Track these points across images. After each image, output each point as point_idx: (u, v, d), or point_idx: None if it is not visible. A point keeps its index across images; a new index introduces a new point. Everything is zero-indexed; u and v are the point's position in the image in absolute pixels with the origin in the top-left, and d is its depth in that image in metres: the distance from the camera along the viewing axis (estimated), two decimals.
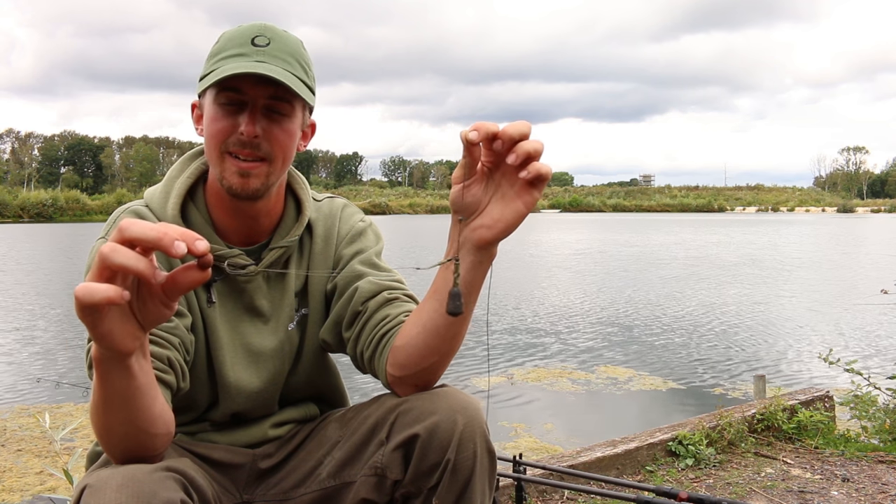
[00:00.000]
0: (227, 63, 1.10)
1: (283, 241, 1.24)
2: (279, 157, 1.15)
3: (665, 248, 23.84)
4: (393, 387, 1.16)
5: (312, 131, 1.28)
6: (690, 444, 3.01)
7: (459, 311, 0.95)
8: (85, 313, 0.77)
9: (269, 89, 1.11)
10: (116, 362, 0.85)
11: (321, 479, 1.18)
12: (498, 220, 0.97)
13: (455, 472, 1.05)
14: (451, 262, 1.00)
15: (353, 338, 1.21)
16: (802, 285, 13.33)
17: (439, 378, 1.14)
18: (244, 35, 1.13)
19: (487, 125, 0.91)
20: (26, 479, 3.69)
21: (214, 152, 1.14)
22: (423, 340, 1.08)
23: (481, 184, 0.98)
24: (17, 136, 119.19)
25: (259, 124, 1.11)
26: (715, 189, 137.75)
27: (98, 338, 0.81)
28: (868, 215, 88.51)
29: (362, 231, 1.31)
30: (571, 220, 63.66)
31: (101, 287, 0.75)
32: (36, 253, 22.37)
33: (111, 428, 0.95)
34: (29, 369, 6.59)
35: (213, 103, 1.13)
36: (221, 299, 1.22)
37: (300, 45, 1.18)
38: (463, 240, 1.00)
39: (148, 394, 0.92)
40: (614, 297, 11.54)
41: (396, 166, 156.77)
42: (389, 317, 1.17)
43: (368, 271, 1.24)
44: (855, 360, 3.72)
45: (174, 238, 0.75)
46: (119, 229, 0.76)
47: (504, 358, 7.07)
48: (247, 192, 1.14)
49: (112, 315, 0.79)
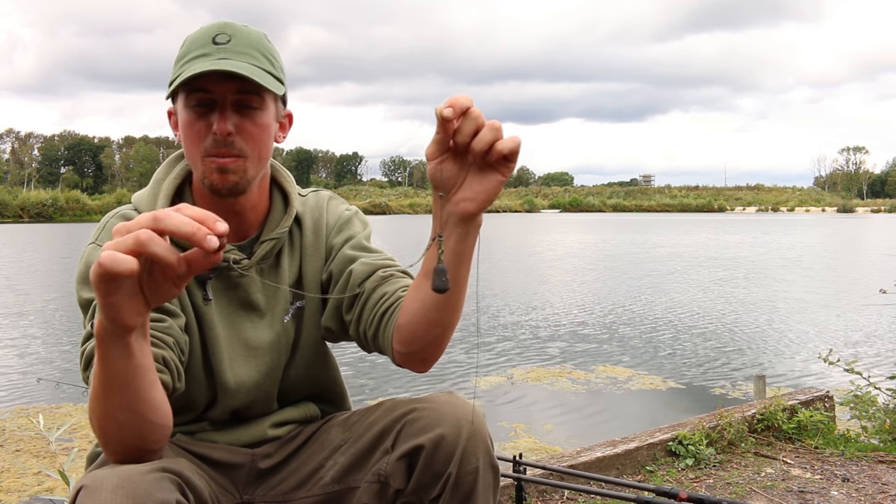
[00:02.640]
0: (191, 65, 1.11)
1: (273, 233, 1.25)
2: (254, 152, 1.16)
3: (665, 248, 23.84)
4: (402, 364, 1.17)
5: (290, 121, 1.29)
6: (690, 444, 3.01)
7: (445, 287, 0.96)
8: (102, 279, 0.80)
9: (236, 84, 1.12)
10: (118, 338, 0.87)
11: (324, 483, 1.18)
12: (479, 191, 0.98)
13: (457, 487, 1.05)
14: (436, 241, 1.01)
15: (354, 319, 1.22)
16: (802, 285, 13.33)
17: (444, 349, 1.15)
18: (205, 35, 1.14)
19: (462, 100, 0.92)
20: (24, 479, 3.69)
21: (195, 155, 1.16)
22: (424, 315, 1.09)
23: (456, 158, 0.98)
24: (17, 136, 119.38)
25: (230, 121, 1.12)
26: (715, 189, 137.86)
27: (106, 307, 0.83)
28: (868, 215, 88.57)
29: (349, 219, 1.33)
30: (571, 220, 63.68)
31: (126, 258, 0.78)
32: (36, 253, 22.37)
33: (110, 414, 0.95)
34: (28, 369, 6.59)
35: (184, 107, 1.14)
36: (216, 295, 1.23)
37: (263, 38, 1.18)
38: (447, 214, 1.00)
39: (147, 377, 0.93)
40: (614, 297, 11.54)
41: (396, 166, 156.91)
42: (387, 294, 1.18)
43: (360, 254, 1.26)
44: (855, 360, 3.72)
45: (207, 233, 0.80)
46: (155, 219, 0.80)
47: (504, 358, 7.07)
48: (227, 188, 1.15)
49: (124, 286, 0.82)
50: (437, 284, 0.96)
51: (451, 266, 1.01)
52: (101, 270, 0.79)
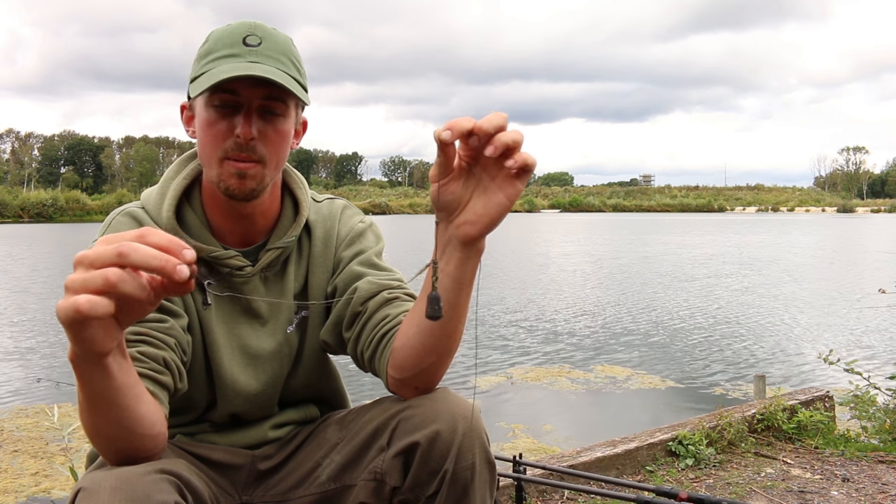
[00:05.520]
0: (219, 64, 1.09)
1: (280, 241, 1.23)
2: (274, 159, 1.14)
3: (665, 248, 23.83)
4: (395, 389, 1.15)
5: (304, 129, 1.27)
6: (690, 444, 3.00)
7: (438, 315, 0.94)
8: (76, 322, 0.77)
9: (265, 90, 1.10)
10: (94, 363, 0.85)
11: (321, 482, 1.17)
12: (482, 214, 0.96)
13: (453, 483, 1.05)
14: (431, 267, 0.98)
15: (353, 338, 1.20)
16: (802, 285, 13.33)
17: (440, 379, 1.13)
18: (234, 34, 1.12)
19: (461, 122, 0.89)
20: (21, 479, 3.68)
21: (212, 156, 1.13)
22: (420, 341, 1.07)
23: (460, 180, 0.96)
24: (17, 136, 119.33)
25: (255, 126, 1.10)
26: (715, 189, 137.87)
27: (79, 342, 0.81)
28: (868, 215, 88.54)
29: (362, 232, 1.30)
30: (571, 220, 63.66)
31: (103, 303, 0.75)
32: (35, 253, 22.36)
33: (98, 429, 0.94)
34: (28, 369, 6.59)
35: (206, 105, 1.12)
36: (218, 301, 1.21)
37: (290, 43, 1.17)
38: (448, 238, 0.98)
39: (129, 393, 0.91)
40: (613, 297, 11.54)
41: (396, 166, 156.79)
42: (389, 317, 1.16)
43: (368, 271, 1.23)
44: (855, 361, 3.72)
45: (176, 264, 0.76)
46: (120, 254, 0.75)
47: (503, 358, 7.07)
48: (243, 193, 1.13)
49: (96, 322, 0.79)
50: (429, 312, 0.94)
51: (449, 292, 0.99)
52: (77, 316, 0.75)
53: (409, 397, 1.13)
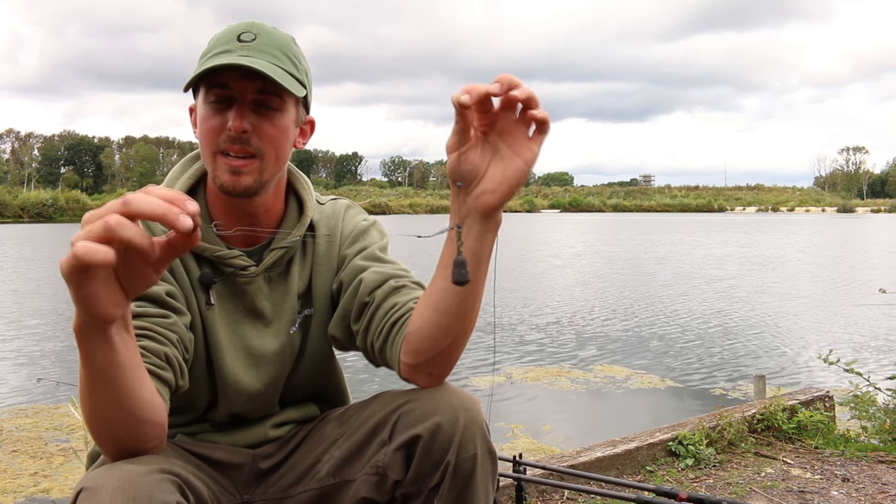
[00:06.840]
0: (212, 60, 1.10)
1: (285, 241, 1.23)
2: (270, 153, 1.14)
3: (665, 248, 23.83)
4: (408, 377, 1.14)
5: (311, 128, 1.26)
6: (690, 444, 3.00)
7: (466, 279, 0.92)
8: (76, 272, 0.77)
9: (257, 83, 1.10)
10: (98, 332, 0.85)
11: (320, 477, 1.17)
12: (500, 182, 0.96)
13: (456, 474, 1.05)
14: (453, 232, 0.97)
15: (362, 330, 1.20)
16: (802, 285, 13.33)
17: (454, 364, 1.13)
18: (231, 33, 1.13)
19: (479, 87, 0.89)
20: (20, 480, 3.68)
21: (207, 151, 1.14)
22: (436, 322, 1.07)
23: (477, 149, 0.96)
24: (17, 136, 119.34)
25: (247, 119, 1.11)
26: (715, 189, 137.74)
27: (82, 299, 0.80)
28: (868, 215, 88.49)
29: (365, 230, 1.30)
30: (571, 220, 63.68)
31: (101, 248, 0.75)
32: (35, 253, 22.35)
33: (96, 411, 0.94)
34: (27, 369, 6.59)
35: (203, 102, 1.13)
36: (221, 301, 1.21)
37: (290, 41, 1.17)
38: (467, 210, 0.98)
39: (132, 373, 0.91)
40: (613, 297, 11.53)
41: (396, 166, 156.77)
42: (398, 304, 1.16)
43: (372, 264, 1.23)
44: (855, 360, 3.72)
45: (178, 212, 0.77)
46: (125, 202, 0.77)
47: (503, 357, 7.07)
48: (239, 190, 1.13)
49: (99, 276, 0.80)
50: (457, 277, 0.92)
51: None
52: (75, 262, 0.76)
53: (423, 385, 1.13)
